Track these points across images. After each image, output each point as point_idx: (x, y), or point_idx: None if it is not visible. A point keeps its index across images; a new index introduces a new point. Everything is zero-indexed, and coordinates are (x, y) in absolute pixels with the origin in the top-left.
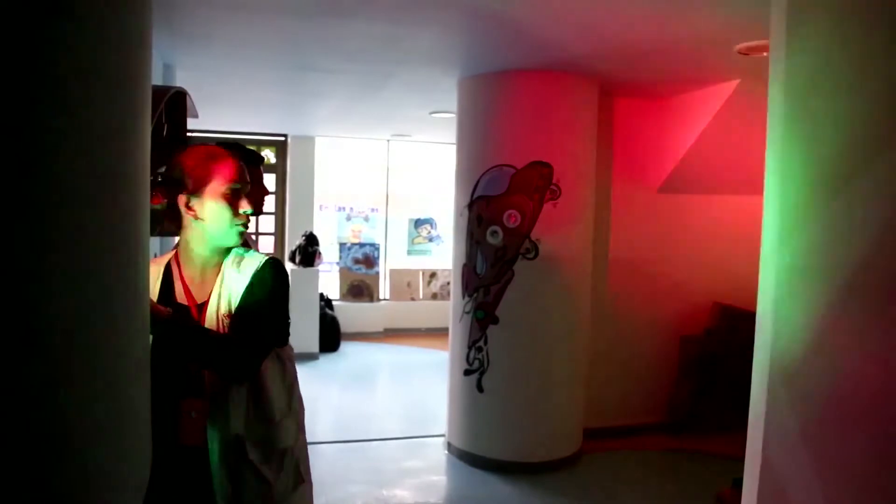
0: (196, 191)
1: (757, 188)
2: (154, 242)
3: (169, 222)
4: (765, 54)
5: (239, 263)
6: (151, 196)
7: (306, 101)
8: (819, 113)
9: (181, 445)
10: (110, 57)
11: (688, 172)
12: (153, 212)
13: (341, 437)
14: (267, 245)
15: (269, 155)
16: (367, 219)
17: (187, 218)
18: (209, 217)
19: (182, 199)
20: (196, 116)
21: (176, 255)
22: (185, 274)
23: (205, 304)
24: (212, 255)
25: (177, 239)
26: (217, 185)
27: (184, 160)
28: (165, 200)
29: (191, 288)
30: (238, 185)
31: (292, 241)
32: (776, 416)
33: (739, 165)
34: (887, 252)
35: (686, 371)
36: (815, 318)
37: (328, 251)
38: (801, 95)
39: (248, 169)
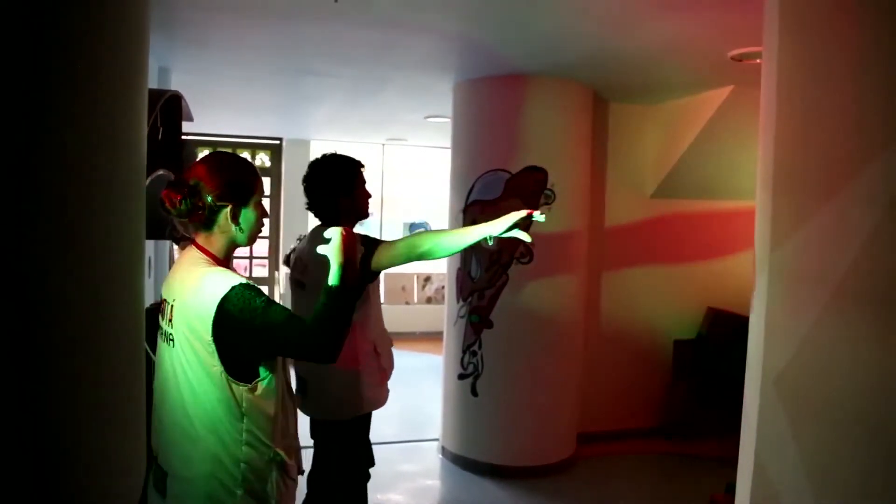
0: (243, 200)
1: (750, 193)
2: (148, 245)
3: (188, 224)
4: (758, 61)
5: None
6: (168, 198)
7: (302, 105)
8: (811, 119)
9: None
10: (108, 64)
11: (682, 177)
12: (168, 214)
13: None
14: (261, 248)
15: (263, 158)
16: (361, 222)
17: (225, 225)
18: (246, 226)
19: (229, 206)
20: (191, 119)
21: (227, 262)
22: None
23: None
24: (230, 261)
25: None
26: (258, 197)
27: (222, 167)
28: (182, 205)
29: None
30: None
31: (287, 245)
32: (769, 420)
33: (733, 171)
34: (878, 257)
35: (679, 375)
36: (807, 323)
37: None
38: (793, 101)
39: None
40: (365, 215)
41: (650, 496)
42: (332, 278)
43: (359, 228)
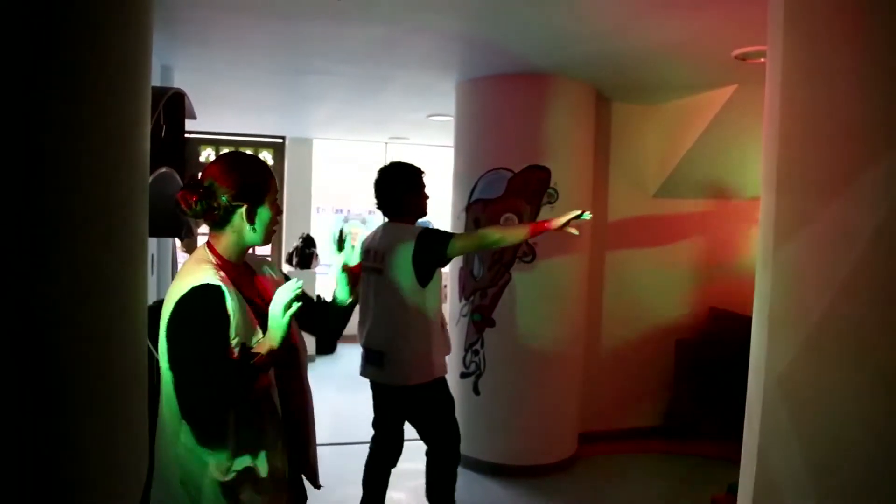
0: (259, 199)
1: (753, 193)
2: (151, 242)
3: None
4: (762, 60)
5: (269, 266)
6: (183, 200)
7: (304, 104)
8: (814, 119)
9: None
10: (111, 61)
11: (685, 177)
12: (183, 216)
13: (338, 439)
14: (263, 247)
15: (266, 157)
16: (364, 221)
17: (239, 225)
18: (261, 225)
19: (245, 206)
20: (194, 118)
21: (223, 264)
22: (231, 277)
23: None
24: (239, 260)
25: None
26: (272, 196)
27: (236, 167)
28: (197, 206)
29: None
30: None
31: (289, 243)
32: (771, 419)
33: (736, 170)
34: (880, 257)
35: (682, 375)
36: (809, 322)
37: (325, 253)
38: (797, 101)
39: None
40: (424, 213)
41: (651, 496)
42: (275, 339)
43: (359, 227)
